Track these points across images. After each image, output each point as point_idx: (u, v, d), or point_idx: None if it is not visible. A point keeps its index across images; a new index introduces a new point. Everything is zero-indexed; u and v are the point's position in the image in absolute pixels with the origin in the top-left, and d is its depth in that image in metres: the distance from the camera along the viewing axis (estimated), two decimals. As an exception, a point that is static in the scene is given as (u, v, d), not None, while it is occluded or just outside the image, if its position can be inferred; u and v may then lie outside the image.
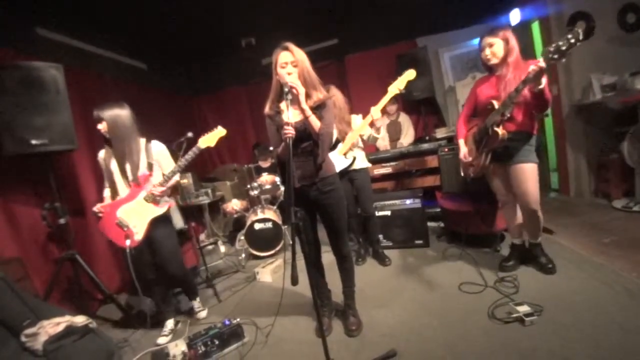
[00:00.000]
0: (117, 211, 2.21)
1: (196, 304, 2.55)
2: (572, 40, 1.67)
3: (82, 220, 3.09)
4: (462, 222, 3.02)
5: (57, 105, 2.47)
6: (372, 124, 2.76)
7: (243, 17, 3.91)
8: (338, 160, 2.80)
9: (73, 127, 2.55)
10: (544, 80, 1.89)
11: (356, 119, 2.95)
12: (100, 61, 3.74)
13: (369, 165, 3.08)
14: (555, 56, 1.75)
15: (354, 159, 2.85)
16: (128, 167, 2.23)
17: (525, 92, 1.99)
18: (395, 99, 4.04)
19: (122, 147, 2.21)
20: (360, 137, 2.91)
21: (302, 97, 1.74)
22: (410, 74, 2.57)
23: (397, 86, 2.57)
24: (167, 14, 3.49)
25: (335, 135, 2.81)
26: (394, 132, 4.29)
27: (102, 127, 2.20)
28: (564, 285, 2.13)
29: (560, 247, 2.68)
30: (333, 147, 2.84)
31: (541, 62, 1.79)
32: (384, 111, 3.03)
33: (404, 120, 4.32)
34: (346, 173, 2.88)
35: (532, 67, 1.83)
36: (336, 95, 2.77)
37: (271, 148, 2.11)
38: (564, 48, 1.71)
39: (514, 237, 2.52)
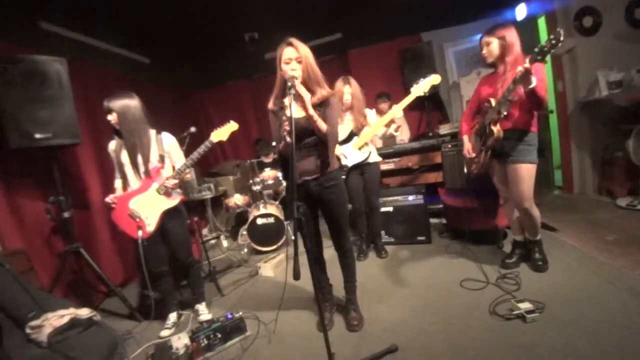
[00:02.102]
0: (130, 202, 2.23)
1: (201, 307, 2.52)
2: (554, 42, 1.71)
3: (86, 214, 3.11)
4: (465, 218, 3.01)
5: (61, 99, 2.47)
6: (392, 122, 2.77)
7: (246, 11, 3.88)
8: (354, 154, 2.82)
9: (76, 121, 2.56)
10: (534, 80, 1.89)
11: (369, 114, 2.95)
12: (103, 55, 3.73)
13: (380, 159, 3.10)
14: (539, 57, 1.79)
15: (370, 153, 2.86)
16: (140, 159, 2.23)
17: (521, 90, 1.99)
18: (388, 97, 4.04)
19: (133, 139, 2.21)
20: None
21: (308, 102, 1.73)
22: (435, 79, 2.61)
23: (422, 89, 2.61)
24: (170, 7, 3.48)
25: (350, 127, 2.83)
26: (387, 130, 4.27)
27: (112, 118, 2.19)
28: (566, 282, 2.13)
29: (563, 244, 2.68)
30: (348, 139, 2.85)
31: (526, 64, 1.82)
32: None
33: (398, 118, 4.30)
34: (359, 166, 2.89)
35: (519, 69, 1.86)
36: (354, 87, 2.82)
37: (274, 143, 2.11)
38: (546, 49, 1.75)
39: (515, 234, 2.52)
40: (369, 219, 3.11)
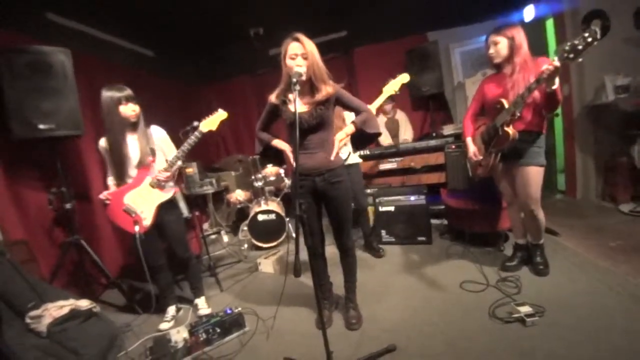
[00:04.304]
0: (124, 198, 2.22)
1: (200, 302, 2.52)
2: (590, 39, 1.62)
3: (87, 206, 3.11)
4: (466, 220, 3.00)
5: (65, 90, 2.47)
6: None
7: (251, 6, 3.87)
8: None
9: (80, 112, 2.56)
10: (557, 81, 1.85)
11: (350, 115, 2.93)
12: (108, 47, 3.73)
13: (360, 160, 3.12)
14: (571, 55, 1.70)
15: (349, 154, 2.85)
16: (141, 152, 2.23)
17: (536, 91, 1.96)
18: (392, 98, 4.03)
19: (143, 132, 2.24)
20: None
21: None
22: (404, 77, 2.62)
23: (392, 88, 2.63)
24: (176, 1, 3.47)
25: None
26: (392, 129, 4.29)
27: (136, 109, 2.20)
28: (567, 287, 2.12)
29: (564, 249, 2.67)
30: None
31: (556, 62, 1.74)
32: (381, 110, 3.06)
33: (401, 117, 4.30)
34: None
35: (546, 67, 1.78)
36: None
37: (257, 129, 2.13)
38: (580, 47, 1.66)
39: (517, 237, 2.51)
40: (358, 219, 3.10)
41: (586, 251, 2.56)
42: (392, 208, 3.31)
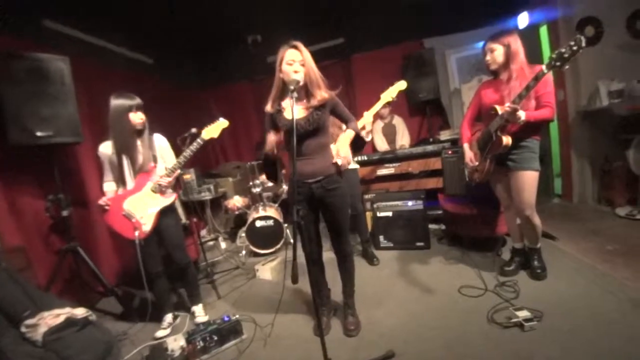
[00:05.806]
0: (124, 203, 2.22)
1: (198, 309, 2.50)
2: (575, 47, 1.69)
3: (84, 213, 3.09)
4: (464, 225, 3.01)
5: (63, 97, 2.48)
6: (363, 128, 2.79)
7: (249, 14, 3.91)
8: None
9: (78, 119, 2.57)
10: (523, 114, 1.94)
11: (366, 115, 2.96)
12: (106, 54, 3.74)
13: (358, 166, 3.15)
14: (558, 63, 1.77)
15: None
16: (141, 159, 2.25)
17: (531, 102, 2.03)
18: (389, 103, 4.06)
19: (147, 139, 2.28)
20: None
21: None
22: (401, 85, 2.69)
23: (390, 94, 2.70)
24: (174, 9, 3.50)
25: None
26: (389, 134, 4.31)
27: (143, 117, 2.25)
28: (564, 291, 2.12)
29: (562, 252, 2.67)
30: None
31: (544, 69, 1.82)
32: (378, 115, 3.10)
33: (398, 122, 4.33)
34: None
35: (506, 106, 1.93)
36: None
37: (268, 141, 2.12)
38: (566, 55, 1.73)
39: (515, 242, 2.51)
40: (354, 225, 3.10)
41: (583, 255, 2.57)
42: (390, 213, 3.31)
